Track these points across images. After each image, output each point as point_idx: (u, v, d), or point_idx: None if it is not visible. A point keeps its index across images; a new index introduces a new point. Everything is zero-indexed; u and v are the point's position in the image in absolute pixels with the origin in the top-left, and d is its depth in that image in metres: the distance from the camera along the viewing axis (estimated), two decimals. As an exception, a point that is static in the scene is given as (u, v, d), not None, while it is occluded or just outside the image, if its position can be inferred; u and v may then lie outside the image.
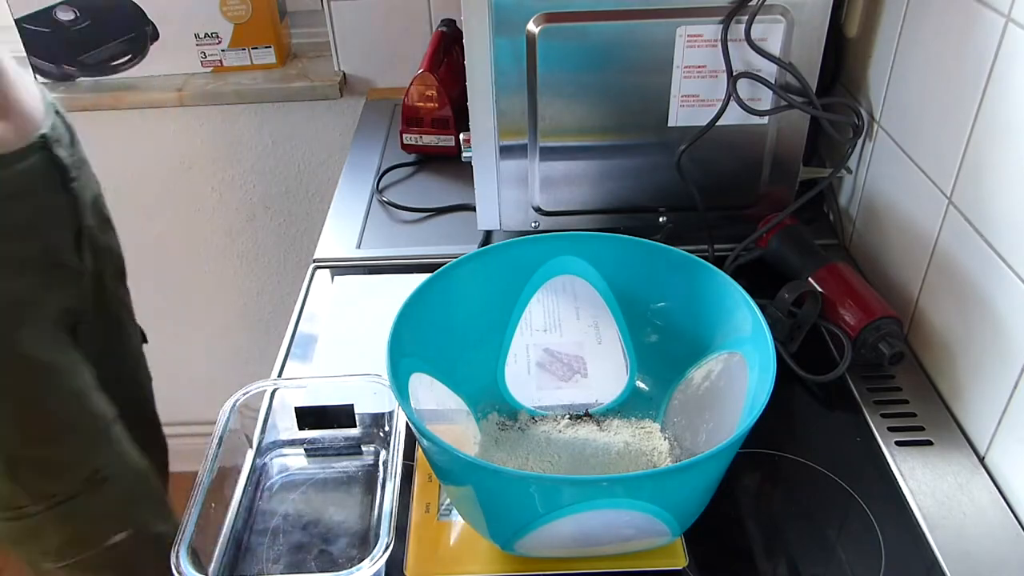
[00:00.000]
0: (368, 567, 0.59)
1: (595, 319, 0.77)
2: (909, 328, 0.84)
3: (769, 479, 0.72)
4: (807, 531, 0.67)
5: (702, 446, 0.66)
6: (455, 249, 0.98)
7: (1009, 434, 0.68)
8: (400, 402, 0.58)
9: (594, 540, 0.60)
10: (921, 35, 0.82)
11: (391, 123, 1.33)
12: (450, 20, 1.26)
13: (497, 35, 0.86)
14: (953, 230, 0.76)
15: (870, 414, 0.76)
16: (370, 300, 0.95)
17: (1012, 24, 0.66)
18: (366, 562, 0.59)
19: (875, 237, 0.93)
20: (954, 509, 0.67)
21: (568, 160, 0.95)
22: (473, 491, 0.59)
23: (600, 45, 0.87)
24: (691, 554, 0.64)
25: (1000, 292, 0.69)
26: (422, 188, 1.15)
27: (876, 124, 0.92)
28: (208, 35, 1.44)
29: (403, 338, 0.63)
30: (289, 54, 1.52)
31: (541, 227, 0.99)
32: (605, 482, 0.57)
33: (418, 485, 0.71)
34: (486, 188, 0.96)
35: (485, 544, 0.64)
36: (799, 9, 0.85)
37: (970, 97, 0.72)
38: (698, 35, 0.86)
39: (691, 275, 0.70)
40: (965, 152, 0.74)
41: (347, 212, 1.11)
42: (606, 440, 0.71)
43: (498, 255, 0.73)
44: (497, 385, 0.75)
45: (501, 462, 0.68)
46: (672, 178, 0.94)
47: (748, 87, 0.88)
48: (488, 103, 0.90)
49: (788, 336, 0.81)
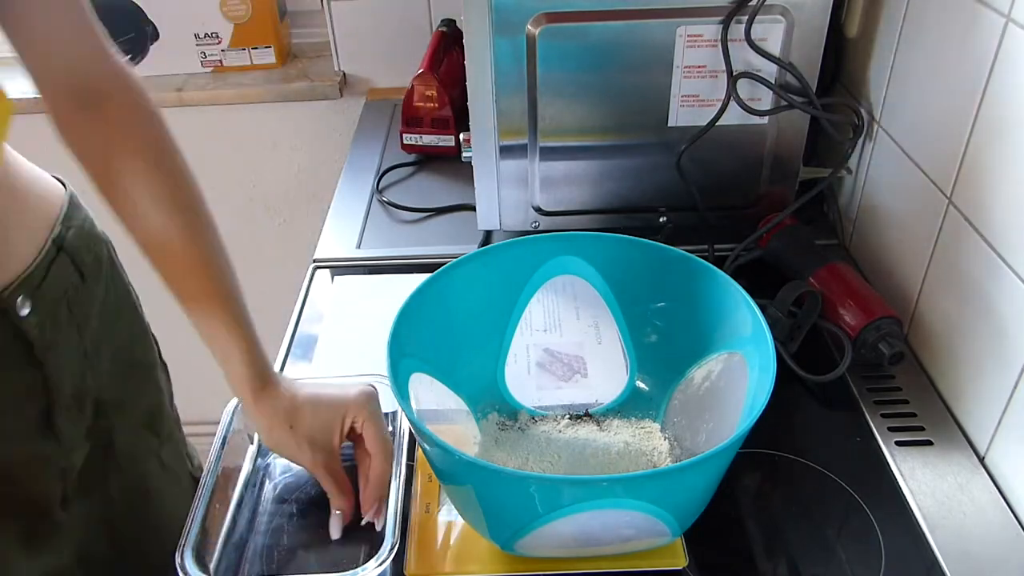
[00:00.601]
0: (374, 568, 0.59)
1: (595, 319, 0.77)
2: (909, 328, 0.84)
3: (769, 479, 0.72)
4: (807, 531, 0.67)
5: (702, 446, 0.66)
6: (455, 249, 0.98)
7: (1009, 434, 0.68)
8: (400, 402, 0.58)
9: (594, 540, 0.60)
10: (921, 35, 0.82)
11: (391, 123, 1.33)
12: (450, 20, 1.26)
13: (497, 35, 0.86)
14: (953, 230, 0.76)
15: (870, 414, 0.76)
16: (370, 300, 0.95)
17: (1012, 24, 0.66)
18: (371, 563, 0.59)
19: (875, 237, 0.93)
20: (954, 509, 0.67)
21: (568, 160, 0.95)
22: (473, 491, 0.59)
23: (600, 45, 0.87)
24: (691, 554, 0.64)
25: (1000, 292, 0.69)
26: (422, 188, 1.15)
27: (876, 124, 0.92)
28: (208, 35, 1.44)
29: (403, 338, 0.63)
30: (289, 54, 1.52)
31: (541, 227, 0.99)
32: (605, 482, 0.57)
33: (418, 485, 0.71)
34: (486, 188, 0.96)
35: (485, 544, 0.64)
36: (799, 9, 0.85)
37: (970, 97, 0.72)
38: (698, 35, 0.86)
39: (691, 275, 0.70)
40: (965, 152, 0.74)
41: (347, 212, 1.11)
42: (606, 440, 0.71)
43: (498, 255, 0.73)
44: (497, 385, 0.75)
45: (501, 462, 0.68)
46: (672, 178, 0.94)
47: (748, 87, 0.88)
48: (488, 103, 0.90)
49: (788, 336, 0.81)
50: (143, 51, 1.45)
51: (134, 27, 1.42)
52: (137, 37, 1.43)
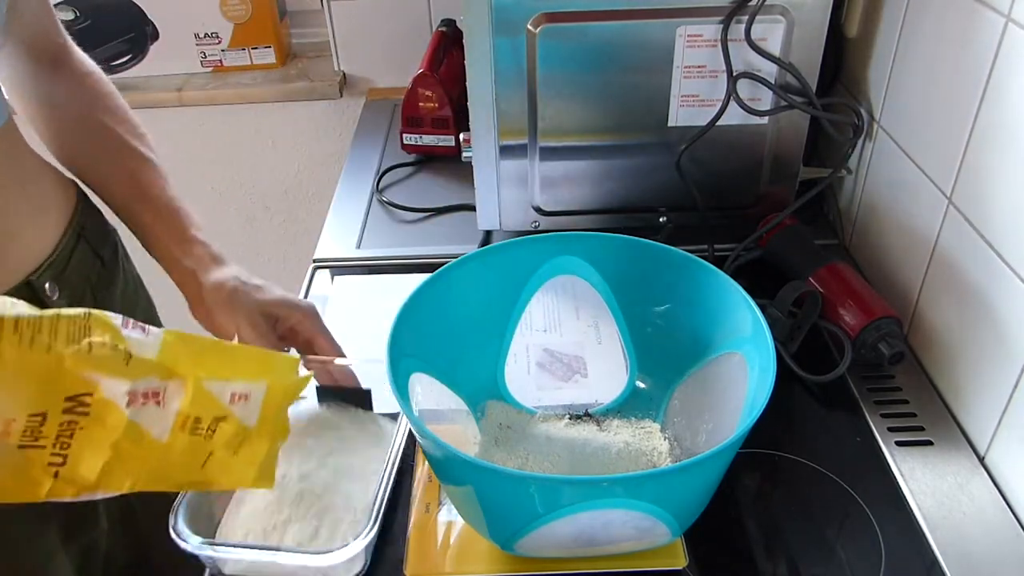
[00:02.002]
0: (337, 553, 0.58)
1: (595, 319, 0.77)
2: (909, 328, 0.84)
3: (769, 479, 0.72)
4: (807, 531, 0.67)
5: (702, 446, 0.66)
6: (455, 249, 0.98)
7: (1009, 434, 0.68)
8: (400, 402, 0.58)
9: (594, 540, 0.60)
10: (921, 35, 0.82)
11: (391, 123, 1.33)
12: (450, 20, 1.26)
13: (497, 35, 0.86)
14: (953, 230, 0.76)
15: (870, 414, 0.76)
16: (370, 300, 0.95)
17: (1012, 24, 0.66)
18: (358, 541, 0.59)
19: (875, 237, 0.93)
20: (954, 509, 0.67)
21: (568, 160, 0.95)
22: (473, 491, 0.59)
23: (600, 45, 0.87)
24: (691, 554, 0.64)
25: (1000, 292, 0.69)
26: (422, 188, 1.15)
27: (876, 124, 0.92)
28: (208, 35, 1.44)
29: (403, 338, 0.63)
30: (289, 54, 1.52)
31: (541, 227, 0.99)
32: (605, 482, 0.57)
33: (418, 485, 0.71)
34: (486, 188, 0.96)
35: (485, 544, 0.64)
36: (799, 9, 0.85)
37: (970, 97, 0.72)
38: (698, 35, 0.86)
39: (691, 275, 0.70)
40: (965, 152, 0.74)
41: (347, 212, 1.11)
42: (606, 440, 0.71)
43: (498, 255, 0.73)
44: (497, 385, 0.75)
45: (501, 462, 0.68)
46: (672, 178, 0.94)
47: (748, 87, 0.88)
48: (488, 103, 0.90)
49: (788, 336, 0.81)
50: (143, 51, 1.45)
51: (134, 27, 1.42)
52: (137, 37, 1.43)
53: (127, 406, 0.49)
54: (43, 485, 0.48)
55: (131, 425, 0.49)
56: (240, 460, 0.56)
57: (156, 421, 0.51)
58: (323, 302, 0.95)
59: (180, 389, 0.51)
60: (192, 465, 0.54)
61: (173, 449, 0.52)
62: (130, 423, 0.49)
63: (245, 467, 0.57)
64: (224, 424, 0.54)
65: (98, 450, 0.49)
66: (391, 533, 0.66)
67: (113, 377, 0.48)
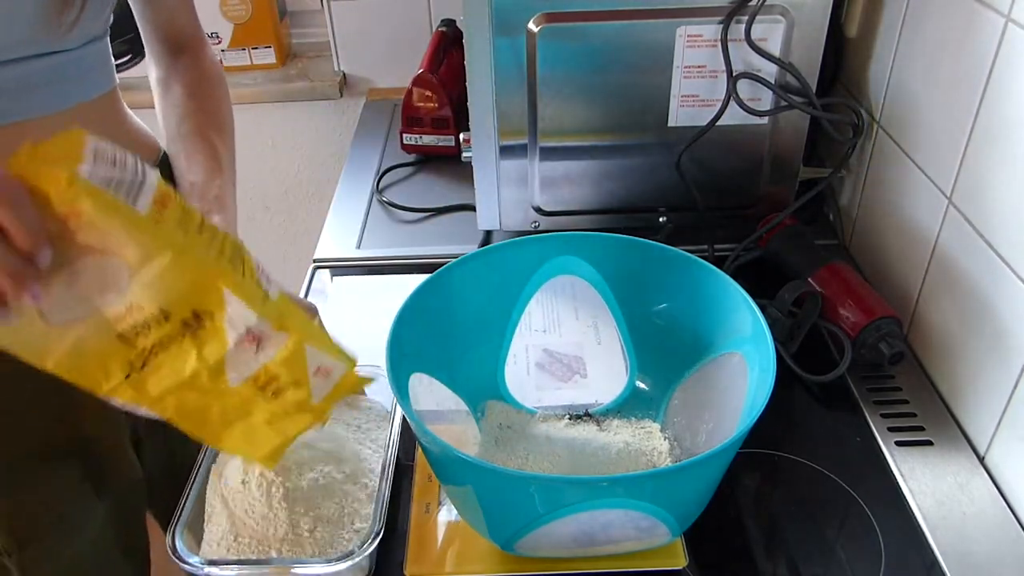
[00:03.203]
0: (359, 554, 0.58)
1: (595, 319, 0.77)
2: (909, 328, 0.84)
3: (769, 479, 0.72)
4: (807, 531, 0.67)
5: (702, 446, 0.66)
6: (455, 249, 0.98)
7: (1009, 434, 0.68)
8: (400, 402, 0.58)
9: (594, 540, 0.60)
10: (921, 35, 0.82)
11: (391, 123, 1.33)
12: (450, 20, 1.26)
13: (497, 35, 0.86)
14: (953, 230, 0.76)
15: (870, 414, 0.76)
16: (370, 300, 0.95)
17: (1012, 24, 0.66)
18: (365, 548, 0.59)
19: (875, 237, 0.93)
20: (954, 509, 0.67)
21: (568, 160, 0.95)
22: (473, 491, 0.59)
23: (600, 45, 0.87)
24: (691, 554, 0.64)
25: (1000, 292, 0.69)
26: (422, 188, 1.15)
27: (876, 124, 0.92)
28: (208, 35, 1.43)
29: (403, 338, 0.63)
30: (289, 54, 1.52)
31: (541, 227, 0.99)
32: (605, 482, 0.57)
33: (418, 485, 0.71)
34: (486, 188, 0.96)
35: (485, 544, 0.64)
36: (799, 9, 0.85)
37: (970, 97, 0.72)
38: (698, 35, 0.86)
39: (691, 275, 0.70)
40: (965, 152, 0.74)
41: (347, 212, 1.11)
42: (606, 440, 0.70)
43: (498, 255, 0.73)
44: (497, 385, 0.75)
45: (501, 462, 0.68)
46: (672, 178, 0.94)
47: (748, 87, 0.88)
48: (488, 103, 0.90)
49: (788, 336, 0.81)
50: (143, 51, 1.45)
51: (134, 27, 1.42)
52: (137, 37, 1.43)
53: (234, 343, 0.47)
54: (110, 380, 0.47)
55: (219, 362, 0.48)
56: (270, 431, 0.53)
57: (239, 365, 0.49)
58: (323, 302, 0.95)
59: (281, 343, 0.49)
60: (227, 419, 0.52)
61: (231, 397, 0.50)
62: (220, 360, 0.48)
63: (267, 439, 0.54)
64: (295, 390, 0.52)
65: (177, 372, 0.47)
66: (391, 533, 0.66)
67: (249, 308, 0.47)
